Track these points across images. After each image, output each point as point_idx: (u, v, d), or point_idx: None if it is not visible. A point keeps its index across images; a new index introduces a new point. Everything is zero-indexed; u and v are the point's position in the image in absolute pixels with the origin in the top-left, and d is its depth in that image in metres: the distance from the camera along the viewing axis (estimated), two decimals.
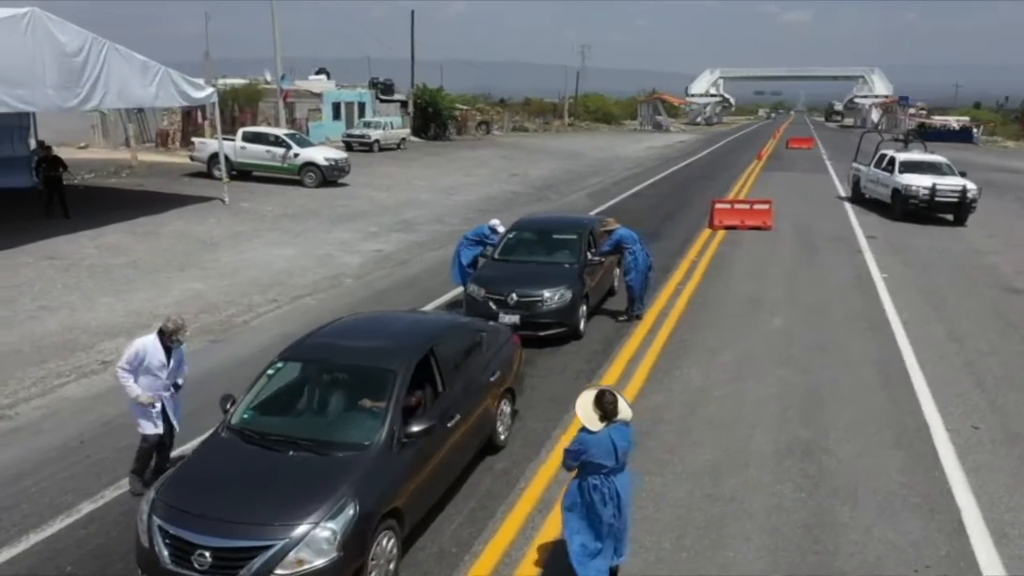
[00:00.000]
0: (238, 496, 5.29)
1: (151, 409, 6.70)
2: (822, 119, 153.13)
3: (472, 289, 11.21)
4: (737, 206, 21.12)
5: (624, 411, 5.27)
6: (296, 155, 26.19)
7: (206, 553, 4.93)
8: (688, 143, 62.29)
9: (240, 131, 27.86)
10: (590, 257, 11.87)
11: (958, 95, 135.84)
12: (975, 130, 72.45)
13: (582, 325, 11.18)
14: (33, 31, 15.10)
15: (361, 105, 46.85)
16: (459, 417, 6.58)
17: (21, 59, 14.89)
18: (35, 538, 6.16)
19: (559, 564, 5.54)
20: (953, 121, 77.80)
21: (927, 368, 10.16)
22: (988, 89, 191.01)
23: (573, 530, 5.27)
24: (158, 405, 6.74)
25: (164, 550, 5.06)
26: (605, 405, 5.18)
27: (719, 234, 19.46)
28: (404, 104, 51.21)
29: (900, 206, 22.21)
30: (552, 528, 6.14)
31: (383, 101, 49.79)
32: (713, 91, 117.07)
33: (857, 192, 26.15)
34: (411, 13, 51.75)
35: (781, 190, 28.32)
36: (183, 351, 6.96)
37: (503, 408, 7.70)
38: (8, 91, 14.65)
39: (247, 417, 6.16)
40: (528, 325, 10.51)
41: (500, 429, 7.62)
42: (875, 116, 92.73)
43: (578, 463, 5.22)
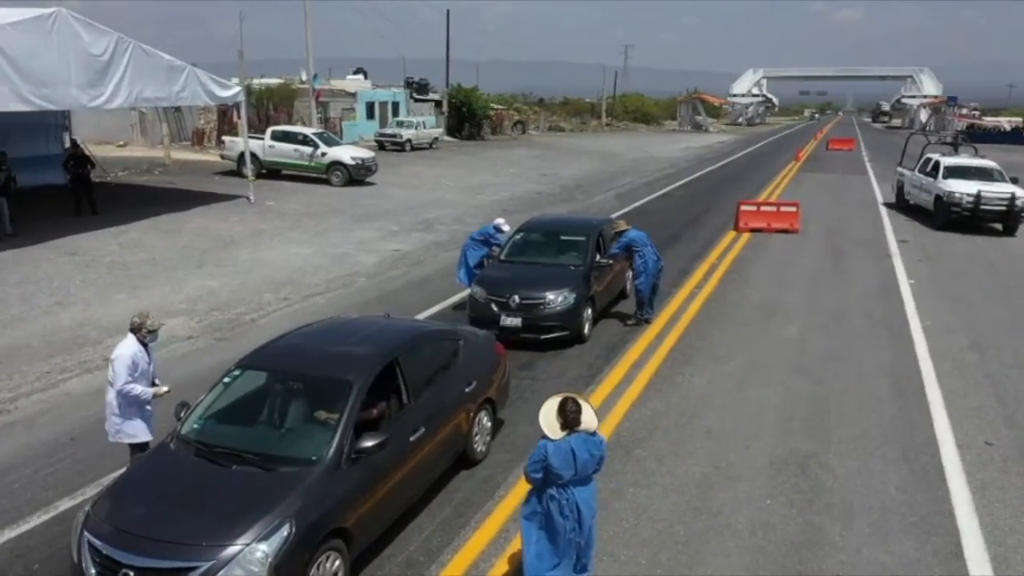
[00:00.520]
0: (172, 513, 5.05)
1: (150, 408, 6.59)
2: (870, 120, 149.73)
3: (475, 291, 11.03)
4: (764, 208, 20.58)
5: (588, 421, 5.07)
6: (323, 154, 26.35)
7: (130, 573, 4.72)
8: (727, 144, 61.39)
9: (269, 130, 28.18)
10: (599, 259, 11.61)
11: (1012, 95, 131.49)
12: None
13: (587, 329, 10.94)
14: (59, 31, 15.42)
15: (395, 105, 47.10)
16: (424, 431, 6.25)
17: (47, 58, 15.22)
18: (8, 535, 6.18)
19: None
20: (1005, 122, 75.28)
21: (944, 379, 9.71)
22: None
23: (530, 540, 5.09)
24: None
25: (92, 568, 4.88)
26: (567, 414, 5.00)
27: (743, 237, 19.01)
28: (439, 104, 51.34)
29: (942, 214, 20.68)
30: None
31: (418, 101, 49.98)
32: (756, 91, 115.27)
33: (901, 199, 24.65)
34: (447, 12, 51.89)
35: (815, 193, 27.66)
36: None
37: (481, 421, 7.32)
38: (34, 90, 14.99)
39: (197, 427, 5.90)
40: (530, 328, 10.35)
41: (477, 442, 7.25)
42: (923, 117, 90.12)
43: (541, 474, 5.04)
